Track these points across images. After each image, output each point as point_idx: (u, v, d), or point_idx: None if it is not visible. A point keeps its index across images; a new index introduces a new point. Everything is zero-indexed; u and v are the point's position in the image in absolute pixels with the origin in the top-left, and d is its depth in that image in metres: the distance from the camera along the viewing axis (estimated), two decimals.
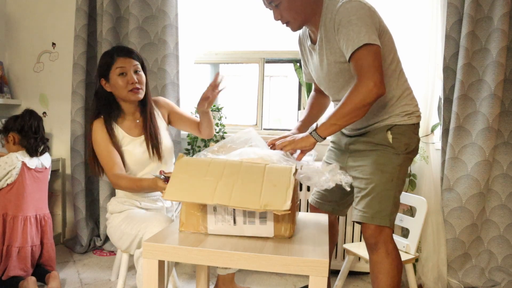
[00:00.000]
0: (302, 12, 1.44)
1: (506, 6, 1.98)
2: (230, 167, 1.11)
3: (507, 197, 2.12)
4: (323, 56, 1.48)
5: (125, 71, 1.62)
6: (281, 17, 1.45)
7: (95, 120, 1.66)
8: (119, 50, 1.65)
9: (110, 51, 1.67)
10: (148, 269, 1.05)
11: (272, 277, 2.23)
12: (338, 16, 1.36)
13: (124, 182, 1.56)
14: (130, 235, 1.54)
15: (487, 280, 2.13)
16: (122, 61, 1.62)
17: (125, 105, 1.70)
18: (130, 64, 1.63)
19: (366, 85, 1.28)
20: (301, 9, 1.44)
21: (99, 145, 1.62)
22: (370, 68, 1.30)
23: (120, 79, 1.61)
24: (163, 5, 2.39)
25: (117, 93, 1.65)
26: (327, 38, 1.44)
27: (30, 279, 1.91)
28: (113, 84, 1.63)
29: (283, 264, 0.96)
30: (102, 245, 2.60)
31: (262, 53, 2.65)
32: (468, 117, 2.09)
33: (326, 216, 1.40)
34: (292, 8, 1.42)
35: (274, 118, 3.37)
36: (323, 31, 1.45)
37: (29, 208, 2.01)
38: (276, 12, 1.45)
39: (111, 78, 1.63)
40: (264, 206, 1.00)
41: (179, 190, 1.07)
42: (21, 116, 2.06)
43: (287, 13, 1.44)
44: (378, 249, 1.41)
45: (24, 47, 2.81)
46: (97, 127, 1.63)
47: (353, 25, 1.32)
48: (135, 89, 1.63)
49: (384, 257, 1.40)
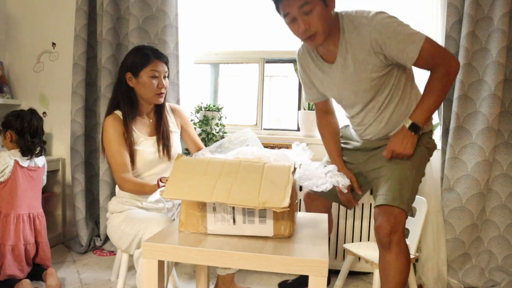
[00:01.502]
0: (330, 25, 1.41)
1: (506, 6, 1.98)
2: (229, 166, 1.11)
3: (507, 197, 2.12)
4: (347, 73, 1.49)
5: (157, 75, 1.65)
6: (309, 26, 1.38)
7: (108, 116, 1.66)
8: (157, 53, 1.67)
9: (145, 50, 1.67)
10: (148, 269, 1.05)
11: (272, 277, 2.23)
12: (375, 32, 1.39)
13: (129, 185, 1.59)
14: (130, 235, 1.54)
15: (487, 280, 2.13)
16: (158, 64, 1.65)
17: (144, 104, 1.72)
18: (163, 70, 1.67)
19: (452, 64, 1.41)
20: (330, 23, 1.41)
21: (110, 144, 1.62)
22: (443, 52, 1.42)
23: (152, 81, 1.64)
24: (163, 5, 2.39)
25: (141, 92, 1.67)
26: (354, 56, 1.44)
27: (25, 281, 1.91)
28: (141, 83, 1.65)
29: (283, 264, 0.96)
30: (102, 245, 2.60)
31: (262, 53, 2.65)
32: (468, 117, 2.09)
33: (326, 216, 1.41)
34: (323, 17, 1.37)
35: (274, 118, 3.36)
36: (349, 49, 1.44)
37: (22, 206, 2.01)
38: (305, 21, 1.37)
39: (141, 76, 1.64)
40: (263, 203, 1.00)
41: (178, 189, 1.07)
42: (22, 116, 2.05)
43: (317, 21, 1.37)
44: (391, 248, 1.43)
45: (24, 47, 2.81)
46: (109, 124, 1.63)
47: (400, 33, 1.38)
48: (161, 93, 1.67)
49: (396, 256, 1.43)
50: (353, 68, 1.47)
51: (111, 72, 2.48)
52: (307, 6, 1.34)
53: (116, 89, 1.71)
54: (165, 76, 1.69)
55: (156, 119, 1.75)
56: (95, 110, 2.63)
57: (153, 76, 1.64)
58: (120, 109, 1.67)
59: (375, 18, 1.39)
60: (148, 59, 1.64)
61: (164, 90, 1.69)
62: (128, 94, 1.68)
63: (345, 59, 1.46)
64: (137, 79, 1.65)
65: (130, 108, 1.67)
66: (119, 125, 1.64)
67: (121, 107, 1.67)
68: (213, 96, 3.04)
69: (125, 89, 1.68)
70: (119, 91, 1.69)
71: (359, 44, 1.43)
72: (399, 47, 1.38)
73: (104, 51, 2.47)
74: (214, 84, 3.06)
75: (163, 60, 1.68)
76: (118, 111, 1.68)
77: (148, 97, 1.67)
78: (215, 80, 3.07)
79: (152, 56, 1.65)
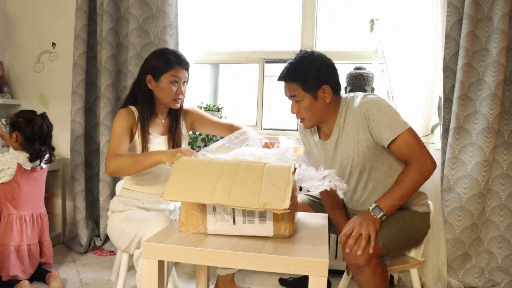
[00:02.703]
0: (320, 114, 1.51)
1: (506, 6, 1.98)
2: (229, 166, 1.11)
3: (507, 197, 2.12)
4: (336, 152, 1.55)
5: (177, 81, 1.65)
6: (297, 112, 1.52)
7: (123, 108, 1.67)
8: (180, 60, 1.66)
9: (169, 56, 1.66)
10: (148, 269, 1.05)
11: (272, 277, 2.23)
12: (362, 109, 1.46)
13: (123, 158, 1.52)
14: (129, 235, 1.54)
15: (487, 280, 2.13)
16: (179, 71, 1.65)
17: (160, 106, 1.72)
18: (184, 76, 1.67)
19: (425, 164, 1.41)
20: (320, 112, 1.51)
21: (116, 130, 1.60)
22: (422, 149, 1.43)
23: (171, 86, 1.64)
24: (163, 5, 2.39)
25: (159, 95, 1.67)
26: (346, 134, 1.51)
27: (24, 283, 1.91)
28: (161, 87, 1.65)
29: (283, 264, 0.96)
30: (102, 245, 2.60)
31: (262, 53, 2.65)
32: (468, 117, 2.09)
33: (326, 216, 1.41)
34: (311, 109, 1.49)
35: (274, 118, 3.36)
36: (342, 129, 1.52)
37: (25, 207, 2.00)
38: (295, 106, 1.51)
39: (162, 81, 1.64)
40: (263, 205, 1.00)
41: (178, 190, 1.07)
42: (33, 121, 1.98)
43: (305, 111, 1.50)
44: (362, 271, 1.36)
45: (24, 47, 2.81)
46: (123, 115, 1.64)
47: (385, 113, 1.43)
48: (178, 99, 1.68)
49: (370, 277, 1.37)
50: (342, 147, 1.52)
51: (111, 72, 2.48)
52: (296, 97, 1.49)
53: (135, 87, 1.71)
54: (184, 81, 1.69)
55: (169, 120, 1.76)
56: (95, 110, 2.63)
57: (173, 81, 1.64)
58: (136, 105, 1.68)
59: (363, 98, 1.49)
60: (170, 64, 1.64)
61: (182, 96, 1.69)
62: (147, 95, 1.68)
63: (336, 138, 1.54)
64: (157, 83, 1.65)
65: (148, 108, 1.68)
66: (131, 118, 1.64)
67: (139, 106, 1.68)
68: (213, 96, 3.05)
69: (145, 90, 1.68)
70: (138, 91, 1.69)
71: (351, 122, 1.49)
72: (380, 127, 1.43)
73: (104, 51, 2.47)
74: (214, 84, 3.06)
75: (184, 66, 1.67)
76: (133, 107, 1.68)
77: (165, 101, 1.68)
78: (215, 80, 3.07)
79: (174, 62, 1.64)
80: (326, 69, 1.49)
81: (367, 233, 1.35)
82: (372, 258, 1.35)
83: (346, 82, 2.31)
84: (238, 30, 2.61)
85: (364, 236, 1.35)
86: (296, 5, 2.54)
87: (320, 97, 1.48)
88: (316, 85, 1.46)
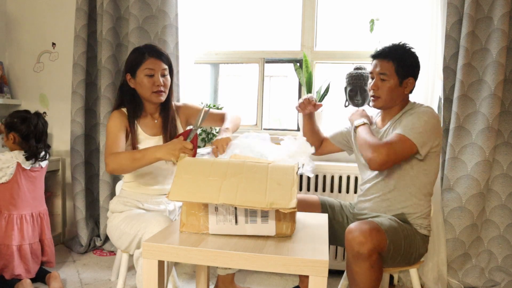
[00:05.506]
0: (394, 100, 1.65)
1: (506, 6, 1.98)
2: (233, 167, 1.11)
3: (507, 197, 2.12)
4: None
5: (153, 73, 1.61)
6: (377, 88, 1.64)
7: (115, 111, 1.65)
8: (151, 50, 1.63)
9: (141, 49, 1.65)
10: (148, 269, 1.05)
11: (272, 277, 2.23)
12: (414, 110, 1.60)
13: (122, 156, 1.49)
14: (129, 235, 1.54)
15: (487, 280, 2.13)
16: (152, 62, 1.61)
17: (147, 104, 1.70)
18: (159, 67, 1.62)
19: (381, 153, 1.48)
20: (396, 98, 1.65)
21: (110, 130, 1.59)
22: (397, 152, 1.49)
23: (147, 80, 1.61)
24: (163, 5, 2.39)
25: (140, 92, 1.65)
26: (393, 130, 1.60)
27: (25, 281, 1.91)
28: (138, 82, 1.63)
29: (283, 264, 0.96)
30: (102, 245, 2.60)
31: (262, 53, 2.65)
32: (468, 117, 2.09)
33: (326, 216, 1.41)
34: (391, 91, 1.63)
35: (274, 118, 3.36)
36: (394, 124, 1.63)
37: (25, 206, 2.00)
38: (376, 83, 1.64)
39: (138, 76, 1.62)
40: (270, 204, 1.00)
41: (184, 191, 1.06)
42: (28, 120, 2.01)
43: (385, 91, 1.63)
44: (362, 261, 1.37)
45: (24, 47, 2.81)
46: (115, 116, 1.62)
47: (419, 120, 1.53)
48: (159, 92, 1.63)
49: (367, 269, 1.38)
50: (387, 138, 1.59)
51: (111, 72, 2.48)
52: (384, 76, 1.62)
53: (120, 89, 1.70)
54: (164, 74, 1.64)
55: (162, 119, 1.72)
56: (95, 110, 2.63)
57: (149, 74, 1.60)
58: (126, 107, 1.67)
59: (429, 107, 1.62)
60: (142, 57, 1.61)
61: (162, 88, 1.63)
62: (131, 94, 1.67)
63: (387, 128, 1.66)
64: (135, 80, 1.63)
65: (134, 109, 1.66)
66: (124, 118, 1.63)
67: (126, 107, 1.66)
68: (213, 96, 3.05)
69: (128, 90, 1.67)
70: (123, 93, 1.68)
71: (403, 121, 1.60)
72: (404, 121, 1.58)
73: (104, 51, 2.47)
74: (214, 84, 3.06)
75: (159, 57, 1.62)
76: (124, 109, 1.67)
77: (146, 96, 1.64)
78: (215, 80, 3.07)
79: (146, 54, 1.61)
80: (418, 66, 1.66)
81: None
82: (375, 252, 1.37)
83: (346, 82, 2.31)
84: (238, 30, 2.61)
85: None
86: (296, 5, 2.54)
87: (403, 85, 1.63)
88: (407, 73, 1.62)
